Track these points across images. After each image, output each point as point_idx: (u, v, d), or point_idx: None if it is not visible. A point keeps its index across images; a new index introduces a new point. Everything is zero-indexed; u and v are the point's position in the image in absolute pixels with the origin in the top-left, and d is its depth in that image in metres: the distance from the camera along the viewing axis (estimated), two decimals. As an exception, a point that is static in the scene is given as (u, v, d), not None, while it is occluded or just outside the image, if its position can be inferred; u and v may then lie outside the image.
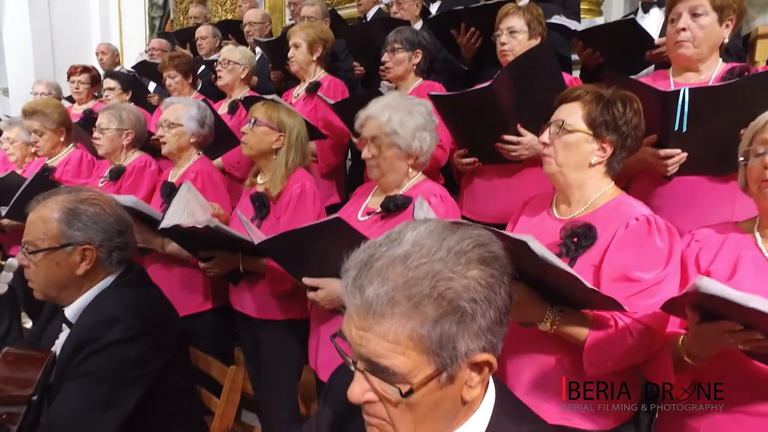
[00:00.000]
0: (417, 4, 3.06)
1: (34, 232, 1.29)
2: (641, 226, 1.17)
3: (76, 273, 1.31)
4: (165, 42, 4.44)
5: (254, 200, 1.85)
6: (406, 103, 1.56)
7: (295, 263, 1.50)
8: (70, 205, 1.31)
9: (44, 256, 1.28)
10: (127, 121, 2.42)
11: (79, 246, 1.30)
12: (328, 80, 2.59)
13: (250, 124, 1.86)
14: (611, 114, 1.23)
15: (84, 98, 3.74)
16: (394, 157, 1.54)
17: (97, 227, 1.32)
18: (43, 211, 1.30)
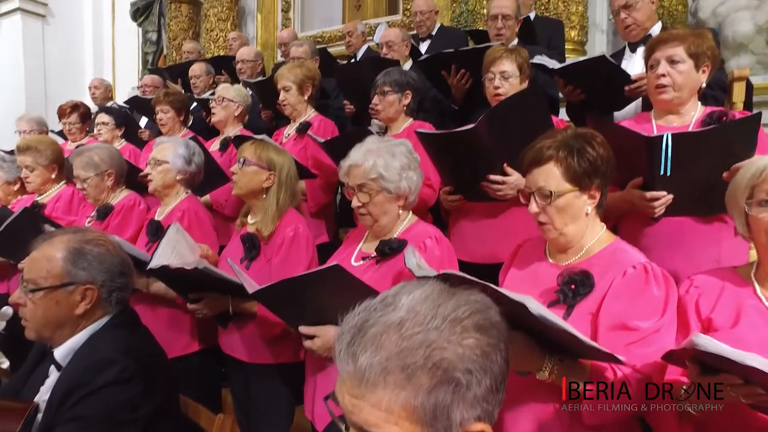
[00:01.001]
0: (406, 45, 3.13)
1: (36, 270, 1.28)
2: (638, 275, 1.18)
3: (74, 312, 1.30)
4: (157, 78, 4.48)
5: (245, 240, 1.84)
6: (387, 146, 1.56)
7: (291, 311, 1.49)
8: (76, 245, 1.31)
9: (44, 295, 1.27)
10: (102, 163, 2.39)
11: (81, 285, 1.29)
12: (318, 120, 2.63)
13: (239, 164, 1.86)
14: (586, 161, 1.24)
15: (77, 136, 3.74)
16: (384, 201, 1.54)
17: (101, 267, 1.32)
18: (47, 249, 1.30)
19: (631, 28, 2.35)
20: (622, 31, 2.42)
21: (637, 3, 2.31)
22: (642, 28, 2.35)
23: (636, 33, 2.36)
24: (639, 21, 2.33)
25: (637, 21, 2.33)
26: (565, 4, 3.76)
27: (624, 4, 2.32)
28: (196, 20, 6.05)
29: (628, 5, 2.31)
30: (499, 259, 1.81)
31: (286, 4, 5.83)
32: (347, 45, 4.07)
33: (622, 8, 2.34)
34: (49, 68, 7.28)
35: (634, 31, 2.36)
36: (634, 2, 2.30)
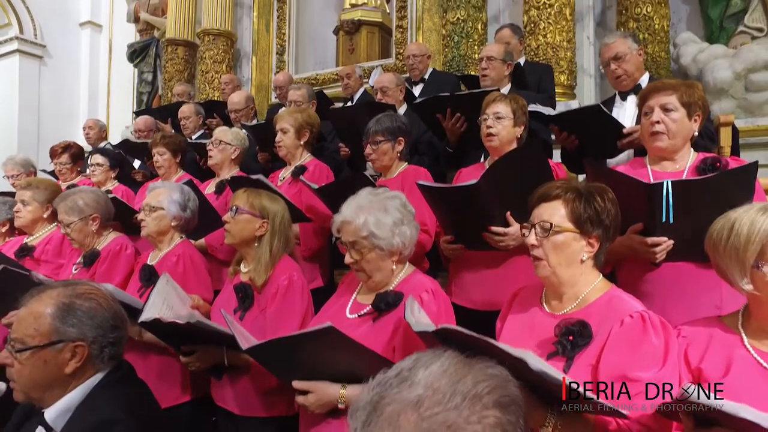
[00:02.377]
0: (401, 90, 3.19)
1: (23, 328, 1.23)
2: (636, 324, 1.17)
3: (64, 372, 1.24)
4: (150, 121, 4.50)
5: (238, 291, 1.80)
6: (379, 201, 1.53)
7: (284, 367, 1.45)
8: (66, 300, 1.26)
9: (32, 354, 1.21)
10: (86, 207, 2.36)
11: (71, 343, 1.24)
12: (314, 164, 2.62)
13: (231, 212, 1.84)
14: (594, 209, 1.26)
15: (68, 176, 3.72)
16: (377, 259, 1.50)
17: (91, 323, 1.27)
18: (35, 305, 1.25)
19: (621, 79, 2.44)
20: (613, 81, 2.50)
21: (626, 55, 2.40)
22: (632, 79, 2.44)
23: (626, 83, 2.45)
24: (629, 72, 2.42)
25: (627, 72, 2.42)
26: (554, 50, 3.88)
27: (614, 56, 2.41)
28: (192, 62, 6.14)
29: (618, 57, 2.40)
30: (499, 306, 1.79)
31: (280, 47, 5.96)
32: (345, 87, 4.13)
33: (612, 60, 2.42)
34: (43, 108, 7.35)
35: (624, 81, 2.45)
36: (623, 54, 2.40)
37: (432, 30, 4.89)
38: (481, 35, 4.30)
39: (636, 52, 2.43)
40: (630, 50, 2.41)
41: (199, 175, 3.25)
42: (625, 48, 2.40)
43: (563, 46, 3.92)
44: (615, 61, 2.41)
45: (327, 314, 1.63)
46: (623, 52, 2.39)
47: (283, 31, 5.95)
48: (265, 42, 5.97)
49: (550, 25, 3.91)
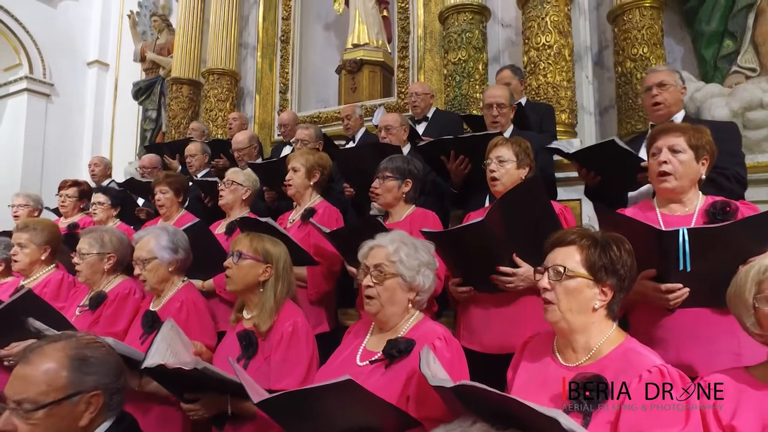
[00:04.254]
0: (405, 129, 3.21)
1: (33, 387, 1.18)
2: (654, 379, 1.13)
3: (78, 425, 1.21)
4: (156, 159, 4.53)
5: (242, 339, 1.76)
6: (412, 241, 1.58)
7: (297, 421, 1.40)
8: (75, 351, 1.25)
9: (46, 413, 1.17)
10: (109, 245, 2.36)
11: (87, 394, 1.21)
12: (324, 206, 2.61)
13: (234, 258, 1.80)
14: (609, 257, 1.25)
15: (70, 211, 3.72)
16: (396, 288, 1.51)
17: (105, 370, 1.26)
18: (41, 362, 1.21)
19: (659, 107, 2.38)
20: (650, 107, 2.43)
21: (670, 86, 2.36)
22: (668, 111, 2.38)
23: (662, 113, 2.38)
24: (668, 102, 2.36)
25: (667, 101, 2.36)
26: (554, 90, 3.93)
27: (658, 83, 2.37)
28: (196, 100, 6.23)
29: (662, 84, 2.36)
30: (509, 349, 1.76)
31: (284, 85, 6.05)
32: (346, 128, 4.18)
33: (655, 86, 2.38)
34: (48, 146, 7.41)
35: (661, 110, 2.38)
36: (667, 83, 2.35)
37: (433, 70, 4.98)
38: (482, 75, 4.37)
39: (680, 88, 2.40)
40: (675, 83, 2.38)
41: (203, 216, 3.24)
42: (671, 79, 2.37)
43: (563, 86, 3.98)
44: (658, 88, 2.36)
45: (336, 363, 1.60)
46: (668, 81, 2.36)
47: (287, 70, 6.06)
48: (269, 81, 6.06)
49: (549, 65, 3.98)
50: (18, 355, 2.18)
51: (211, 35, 6.14)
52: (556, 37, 4.00)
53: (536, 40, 4.03)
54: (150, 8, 7.55)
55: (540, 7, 4.04)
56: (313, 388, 1.26)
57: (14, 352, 2.17)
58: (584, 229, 1.34)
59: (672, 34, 4.27)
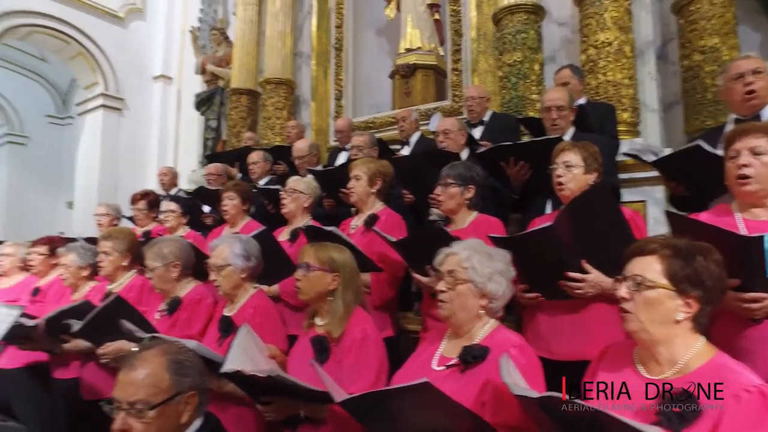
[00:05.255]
0: (463, 134, 3.20)
1: (143, 390, 1.30)
2: (755, 402, 1.07)
3: (180, 422, 1.34)
4: (221, 167, 4.75)
5: (315, 343, 1.83)
6: (487, 249, 1.61)
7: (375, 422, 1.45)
8: (172, 356, 1.36)
9: (158, 412, 1.29)
10: (170, 255, 2.49)
11: (185, 394, 1.34)
12: (386, 213, 2.66)
13: (302, 270, 1.87)
14: (693, 268, 1.20)
15: (144, 221, 3.96)
16: (468, 293, 1.54)
17: (196, 372, 1.38)
18: (146, 367, 1.33)
19: (753, 96, 2.19)
20: (740, 97, 2.23)
21: (765, 73, 2.18)
22: (762, 101, 2.20)
23: (755, 102, 2.19)
24: (763, 91, 2.18)
25: (762, 90, 2.17)
26: (615, 88, 3.80)
27: (754, 69, 2.19)
28: (254, 109, 6.47)
29: (758, 71, 2.17)
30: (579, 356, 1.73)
31: (338, 92, 6.18)
32: (400, 130, 4.21)
33: (750, 72, 2.19)
34: (121, 156, 7.92)
35: (755, 100, 2.19)
36: (763, 69, 2.17)
37: (487, 72, 4.94)
38: (538, 75, 4.29)
39: None
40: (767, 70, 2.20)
41: (267, 221, 3.37)
42: (764, 66, 2.21)
43: (624, 83, 3.84)
44: (754, 75, 2.18)
45: (413, 367, 1.64)
46: (763, 68, 2.19)
47: (341, 77, 6.18)
48: (323, 88, 6.21)
49: (609, 63, 3.86)
50: (112, 354, 2.37)
51: (268, 46, 6.36)
52: (615, 33, 3.87)
53: (595, 37, 3.92)
54: (209, 23, 7.90)
55: (598, 3, 3.93)
56: (392, 389, 1.30)
57: (108, 351, 2.36)
58: (667, 239, 1.30)
59: (747, 21, 4.02)
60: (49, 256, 3.51)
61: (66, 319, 2.53)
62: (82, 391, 2.68)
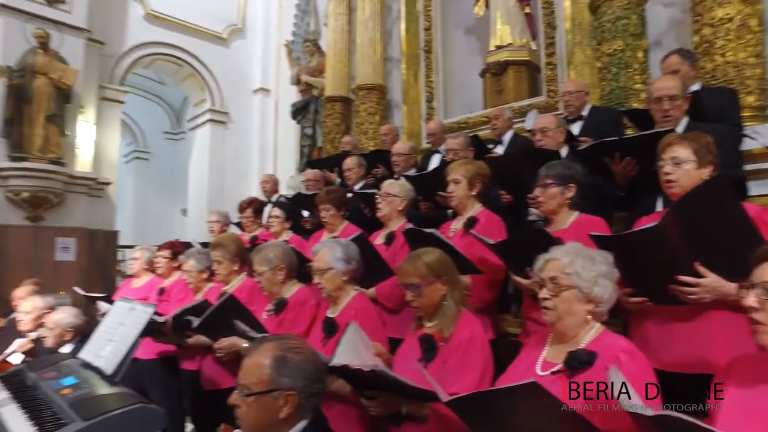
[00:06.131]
0: (561, 131, 3.08)
1: (249, 376, 1.43)
2: None
3: (278, 417, 1.41)
4: (319, 173, 4.97)
5: (423, 342, 1.86)
6: (588, 252, 1.55)
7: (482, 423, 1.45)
8: (280, 353, 1.44)
9: (255, 399, 1.40)
10: (275, 259, 2.64)
11: (284, 392, 1.41)
12: (485, 215, 2.64)
13: (413, 291, 1.88)
14: None
15: (251, 227, 4.25)
16: (572, 299, 1.49)
17: (301, 374, 1.43)
18: (257, 357, 1.44)
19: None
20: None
21: None
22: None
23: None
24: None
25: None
26: (737, 70, 3.42)
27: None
28: (348, 115, 6.69)
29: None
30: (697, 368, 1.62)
31: (429, 94, 6.21)
32: (492, 128, 4.14)
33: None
34: (226, 166, 8.58)
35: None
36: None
37: (584, 64, 4.70)
38: (642, 63, 3.99)
39: None
40: None
41: (363, 226, 3.48)
42: None
43: (749, 63, 3.44)
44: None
45: (516, 372, 1.62)
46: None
47: (431, 79, 6.21)
48: (414, 91, 6.27)
49: (729, 41, 3.48)
50: (226, 349, 2.58)
51: (358, 53, 6.55)
52: (738, 6, 3.46)
53: (711, 14, 3.54)
54: (302, 35, 8.30)
55: (715, -25, 3.56)
56: (499, 389, 1.29)
57: (223, 347, 2.57)
58: None
59: None
60: (172, 259, 3.89)
61: (189, 315, 2.80)
62: (202, 381, 2.94)
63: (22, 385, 2.45)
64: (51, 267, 6.14)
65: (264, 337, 1.55)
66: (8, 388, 2.45)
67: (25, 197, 6.01)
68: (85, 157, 6.82)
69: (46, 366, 2.65)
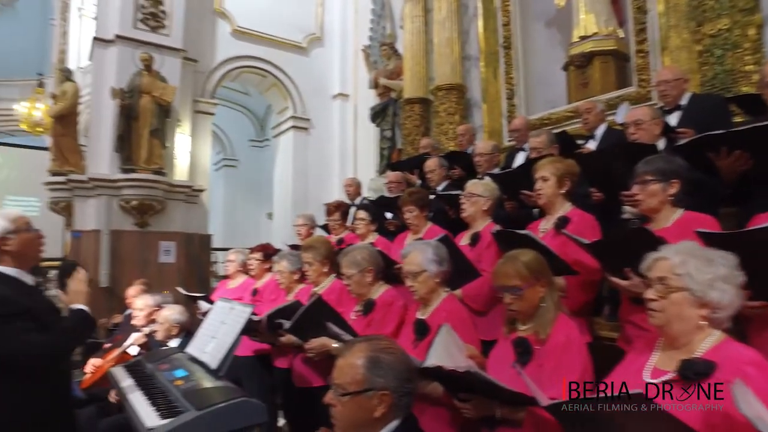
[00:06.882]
0: (657, 123, 2.89)
1: (344, 376, 1.47)
2: None
3: (373, 416, 1.44)
4: (400, 175, 5.02)
5: (517, 345, 1.83)
6: (705, 252, 1.43)
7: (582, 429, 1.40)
8: (373, 353, 1.48)
9: (350, 399, 1.44)
10: (363, 262, 2.69)
11: (378, 391, 1.44)
12: (577, 215, 2.53)
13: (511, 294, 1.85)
14: None
15: (337, 230, 4.38)
16: (682, 302, 1.38)
17: (393, 374, 1.46)
18: (350, 357, 1.49)
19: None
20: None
21: None
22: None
23: None
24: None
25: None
26: None
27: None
28: (427, 116, 6.70)
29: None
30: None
31: (509, 91, 6.07)
32: (584, 123, 3.96)
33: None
34: (309, 171, 8.91)
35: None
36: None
37: (681, 48, 4.36)
38: (753, 42, 3.62)
39: None
40: None
41: (447, 225, 3.47)
42: None
43: None
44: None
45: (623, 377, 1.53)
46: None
47: (511, 76, 6.06)
48: (494, 89, 6.16)
49: None
50: (316, 350, 2.68)
51: (436, 54, 6.54)
52: None
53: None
54: (378, 39, 8.42)
55: None
56: (604, 397, 1.24)
57: (314, 347, 2.67)
58: None
59: None
60: (264, 261, 4.10)
61: (282, 316, 2.94)
62: (294, 378, 3.07)
63: (142, 374, 2.71)
64: (155, 268, 6.70)
65: (355, 338, 1.58)
66: (132, 376, 2.72)
67: (134, 205, 6.60)
68: (182, 167, 7.36)
69: (160, 358, 2.91)
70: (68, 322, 2.11)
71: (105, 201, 6.54)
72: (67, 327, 2.10)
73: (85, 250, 6.42)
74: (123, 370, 2.89)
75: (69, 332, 2.11)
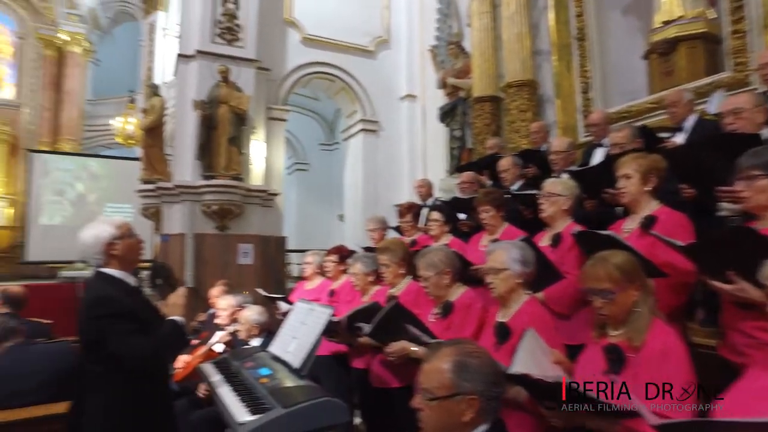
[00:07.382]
0: (760, 111, 2.64)
1: (431, 380, 1.48)
2: None
3: (461, 420, 1.44)
4: (473, 175, 4.95)
5: (609, 352, 1.74)
6: None
7: None
8: (460, 357, 1.47)
9: (438, 404, 1.45)
10: (440, 263, 2.68)
11: (467, 396, 1.43)
12: (665, 213, 2.38)
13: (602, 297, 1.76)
14: None
15: (410, 231, 4.39)
16: None
17: (480, 378, 1.45)
18: (437, 362, 1.49)
19: None
20: None
21: None
22: None
23: None
24: None
25: None
26: None
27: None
28: (498, 114, 6.56)
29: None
30: None
31: (584, 84, 5.81)
32: (671, 114, 3.70)
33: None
34: (379, 172, 9.01)
35: None
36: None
37: (786, 26, 3.98)
38: None
39: None
40: None
41: (521, 225, 3.37)
42: None
43: None
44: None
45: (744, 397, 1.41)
46: None
47: (586, 69, 5.81)
48: (568, 83, 5.92)
49: None
50: (397, 353, 2.69)
51: (505, 50, 6.38)
52: None
53: None
54: (445, 39, 8.34)
55: None
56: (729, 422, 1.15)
57: (394, 351, 2.68)
58: None
59: None
60: (339, 263, 4.19)
61: (360, 317, 2.99)
62: (371, 379, 3.10)
63: (229, 371, 2.85)
64: (235, 270, 7.03)
65: (440, 342, 1.58)
66: (220, 372, 2.87)
67: (215, 209, 6.97)
68: (258, 172, 7.68)
69: (244, 357, 3.05)
70: (166, 329, 2.24)
71: (189, 206, 6.96)
72: (165, 333, 2.23)
73: (172, 253, 6.87)
74: (212, 366, 3.05)
75: (166, 338, 2.24)
